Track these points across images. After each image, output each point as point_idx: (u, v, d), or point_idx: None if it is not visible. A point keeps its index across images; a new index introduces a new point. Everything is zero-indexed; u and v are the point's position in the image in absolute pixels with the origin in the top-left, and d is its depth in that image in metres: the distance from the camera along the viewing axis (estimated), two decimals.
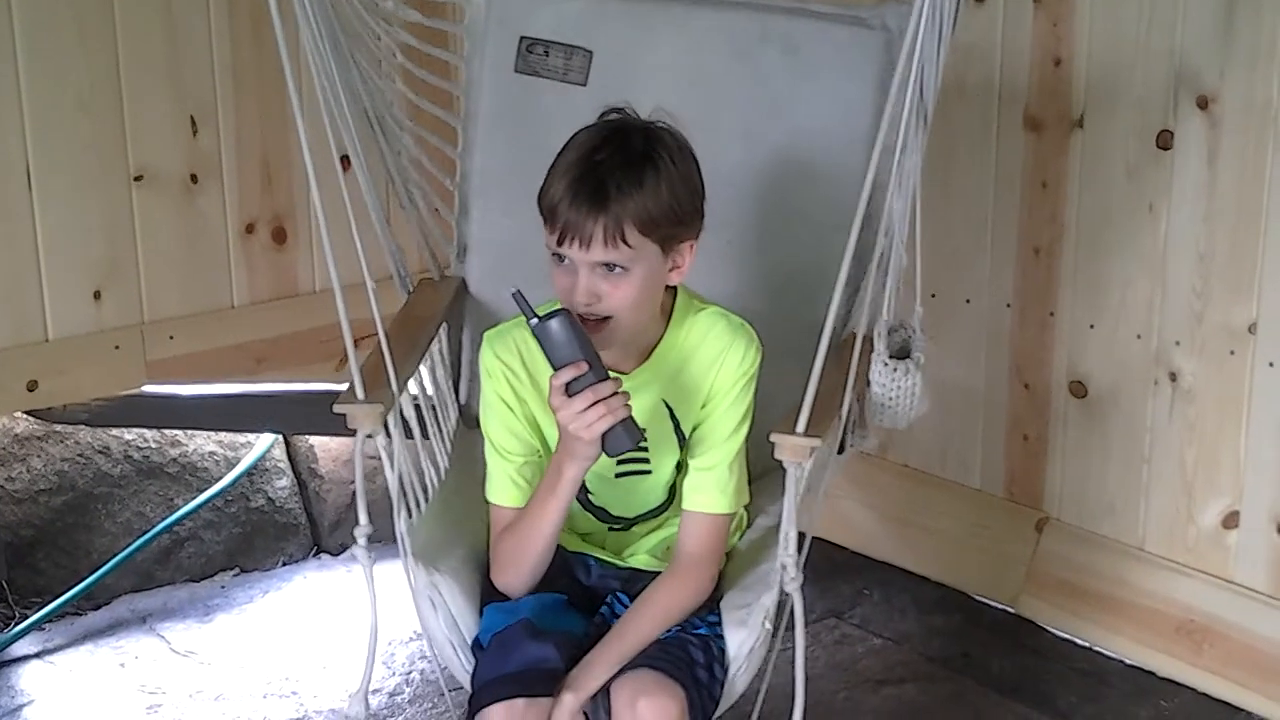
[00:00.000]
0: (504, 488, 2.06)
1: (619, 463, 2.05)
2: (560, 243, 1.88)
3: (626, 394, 1.89)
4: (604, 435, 1.88)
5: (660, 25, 2.50)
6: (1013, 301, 3.03)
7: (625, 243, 1.88)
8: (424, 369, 2.31)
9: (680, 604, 2.01)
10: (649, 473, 2.09)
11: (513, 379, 2.03)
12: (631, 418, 1.89)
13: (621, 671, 1.93)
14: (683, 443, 2.07)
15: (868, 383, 2.21)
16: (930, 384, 2.20)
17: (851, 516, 3.34)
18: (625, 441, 1.90)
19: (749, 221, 2.44)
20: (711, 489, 2.04)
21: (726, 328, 2.04)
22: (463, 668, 2.04)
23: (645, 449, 2.03)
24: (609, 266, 1.89)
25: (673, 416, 2.05)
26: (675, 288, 2.04)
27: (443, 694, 2.27)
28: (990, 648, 2.99)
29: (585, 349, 1.86)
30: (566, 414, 1.87)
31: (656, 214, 1.90)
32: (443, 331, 2.43)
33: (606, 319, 1.93)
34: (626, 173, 1.88)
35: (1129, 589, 2.91)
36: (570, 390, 1.86)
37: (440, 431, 2.34)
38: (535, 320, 1.87)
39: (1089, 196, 2.86)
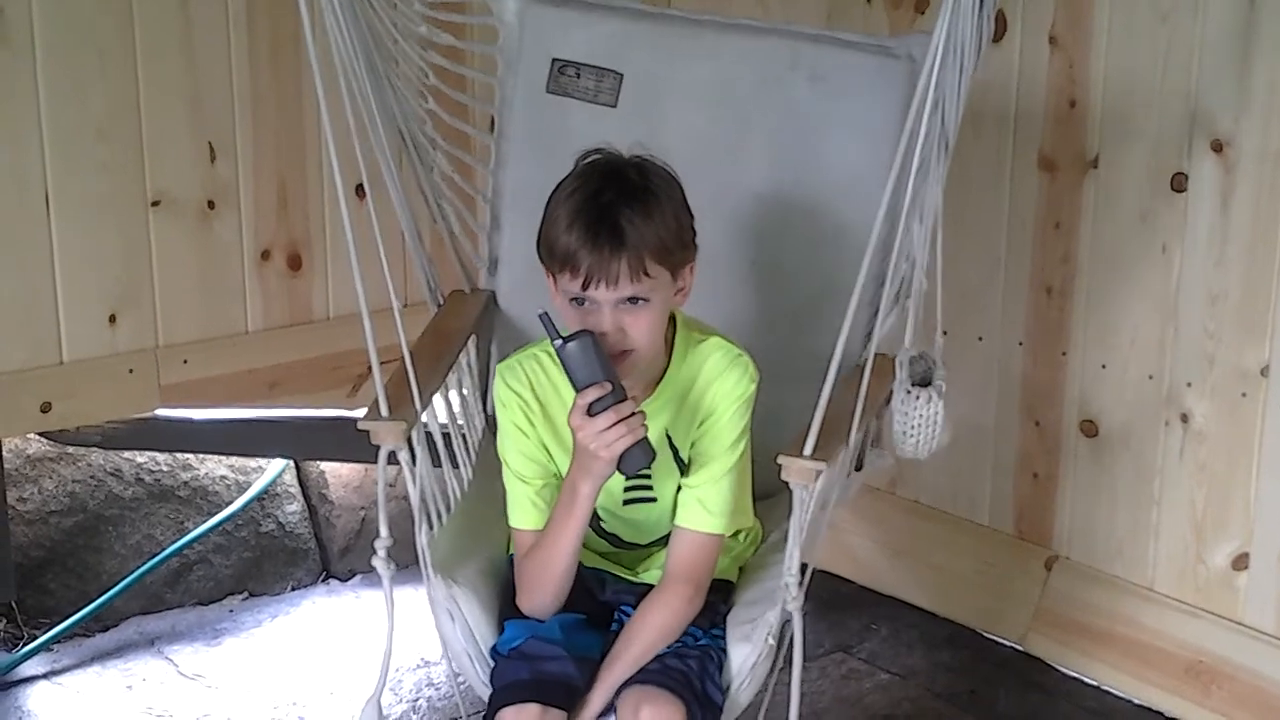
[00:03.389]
0: (525, 511, 2.09)
1: (625, 489, 2.10)
2: (585, 287, 1.92)
3: (643, 414, 1.94)
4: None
5: (690, 50, 2.52)
6: (1024, 340, 3.03)
7: (647, 274, 1.93)
8: (452, 379, 2.35)
9: (670, 624, 2.04)
10: (654, 500, 2.12)
11: (525, 408, 2.08)
12: (647, 438, 1.94)
13: (626, 686, 1.98)
14: (682, 469, 2.10)
15: (888, 401, 2.23)
16: (951, 418, 2.21)
17: (860, 551, 3.35)
18: (640, 460, 1.94)
19: (772, 243, 2.47)
20: (700, 509, 2.07)
21: (723, 356, 2.08)
22: (479, 678, 2.07)
23: (649, 476, 2.07)
24: (632, 300, 1.94)
25: (672, 445, 2.08)
26: (674, 319, 2.08)
27: (470, 715, 2.29)
28: (998, 685, 2.99)
29: (607, 370, 1.91)
30: (588, 432, 1.91)
31: (669, 241, 1.96)
32: (471, 342, 2.46)
33: (629, 351, 1.97)
34: (635, 207, 1.93)
35: (1138, 629, 2.91)
36: (592, 410, 1.90)
37: (465, 444, 2.38)
38: (559, 341, 1.92)
39: (1102, 237, 2.87)
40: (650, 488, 2.11)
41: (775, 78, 2.46)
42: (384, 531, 2.05)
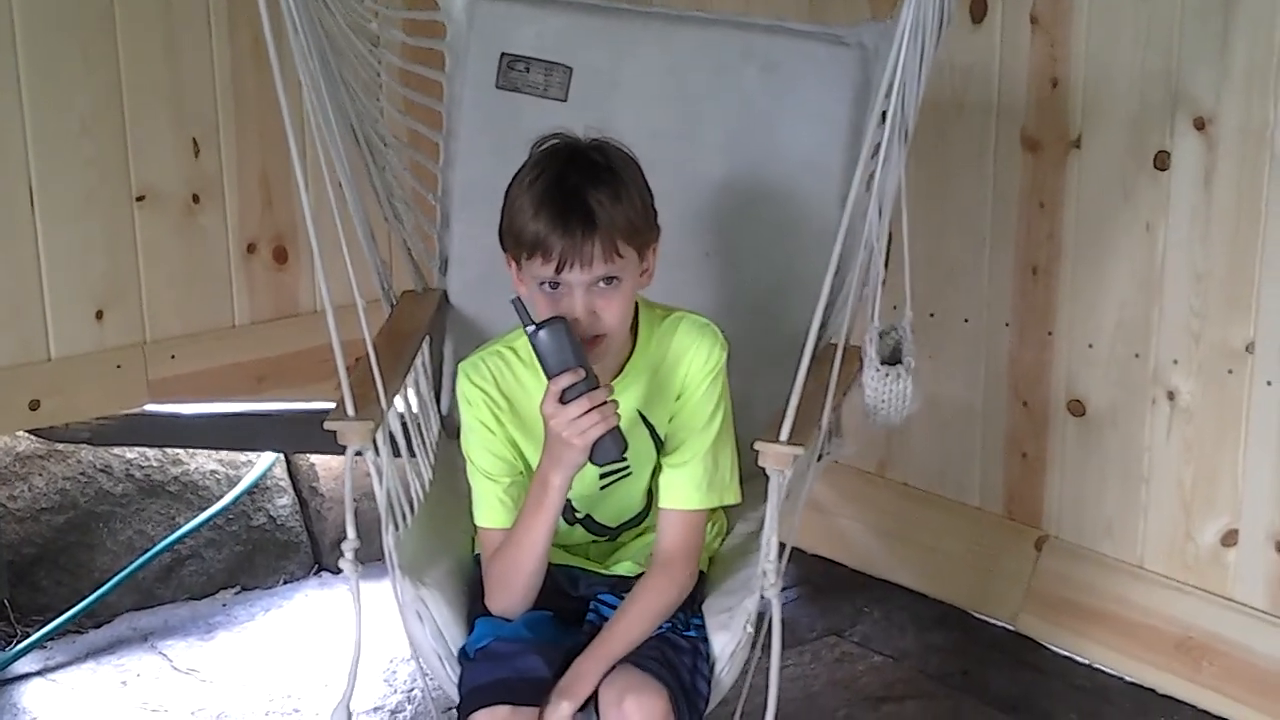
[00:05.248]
0: (492, 510, 2.08)
1: (602, 476, 2.09)
2: (559, 270, 1.91)
3: (616, 402, 1.93)
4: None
5: (640, 42, 2.52)
6: (1011, 320, 3.04)
7: (618, 254, 1.93)
8: (408, 382, 2.33)
9: (664, 603, 2.04)
10: (630, 474, 2.12)
11: (491, 405, 2.07)
12: (619, 427, 1.93)
13: (608, 671, 1.96)
14: (659, 447, 2.10)
15: (845, 392, 2.24)
16: (921, 387, 2.21)
17: (851, 534, 3.35)
18: (612, 450, 1.93)
19: (728, 234, 2.48)
20: (685, 485, 2.07)
21: (689, 328, 2.08)
22: (449, 679, 2.06)
23: (625, 459, 2.05)
24: (607, 281, 1.94)
25: (647, 423, 2.09)
26: (636, 302, 2.08)
27: (443, 712, 2.29)
28: (990, 665, 3.00)
29: (579, 357, 1.90)
30: (560, 420, 1.90)
31: (636, 221, 1.96)
32: (424, 344, 2.45)
33: (601, 336, 1.97)
34: (601, 188, 1.93)
35: (1128, 606, 2.92)
36: (565, 397, 1.89)
37: (424, 444, 2.36)
38: (532, 328, 1.91)
39: (1086, 216, 2.87)
40: (627, 467, 2.10)
41: (726, 68, 2.47)
42: (351, 533, 2.01)
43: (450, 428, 2.54)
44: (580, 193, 1.92)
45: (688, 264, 2.44)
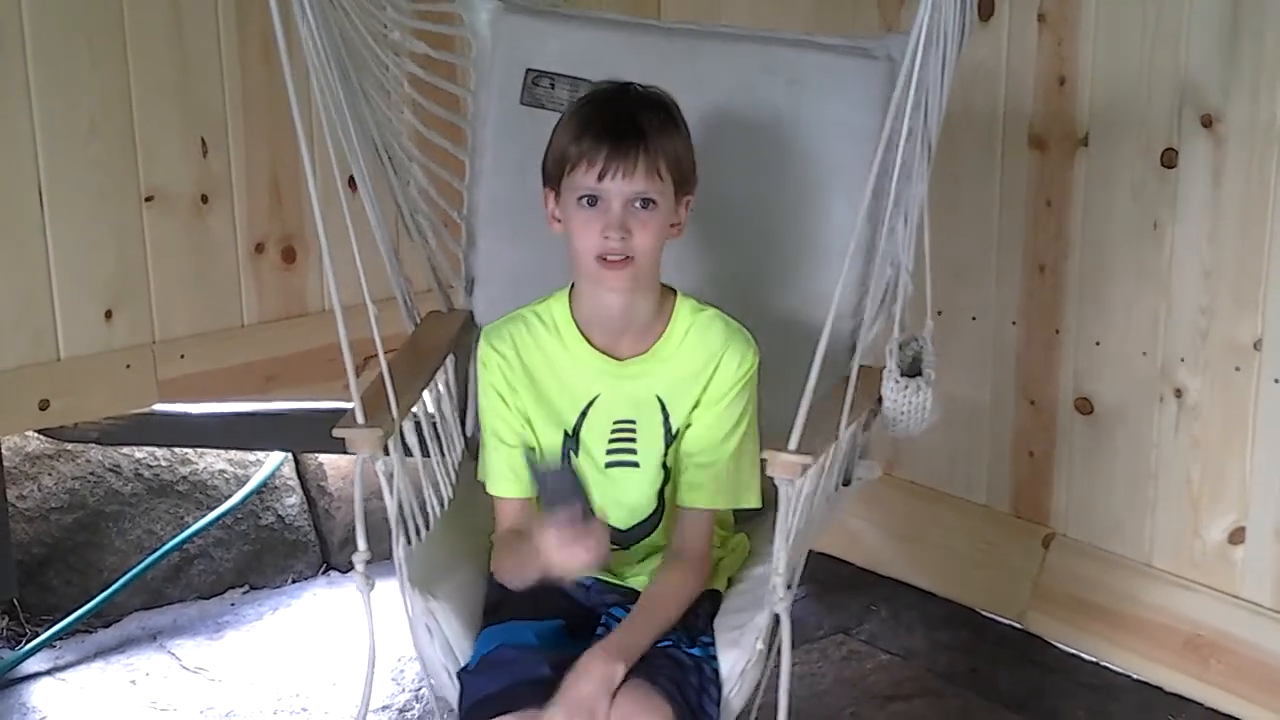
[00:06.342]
0: (503, 478, 2.11)
1: (608, 451, 2.10)
2: (601, 178, 1.96)
3: (609, 530, 1.92)
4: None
5: (665, 57, 2.50)
6: (1018, 319, 3.04)
7: (659, 176, 1.98)
8: (429, 399, 2.30)
9: (686, 590, 2.05)
10: (636, 465, 2.11)
11: (506, 368, 2.09)
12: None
13: (619, 688, 1.93)
14: (669, 438, 2.09)
15: (872, 416, 2.23)
16: (940, 399, 2.22)
17: (859, 533, 3.35)
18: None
19: (755, 252, 2.46)
20: (709, 486, 2.08)
21: (725, 329, 2.10)
22: (456, 693, 2.04)
23: (633, 437, 2.08)
24: (644, 203, 1.97)
25: (664, 409, 2.09)
26: (676, 292, 2.10)
27: (449, 712, 2.29)
28: (997, 663, 3.00)
29: (580, 495, 1.88)
30: (552, 552, 1.89)
31: (681, 154, 2.02)
32: (449, 364, 2.42)
33: (629, 259, 1.98)
34: (654, 114, 2.01)
35: (1136, 604, 2.92)
36: (559, 531, 1.88)
37: (445, 460, 2.34)
38: (543, 468, 1.91)
39: (1094, 215, 2.87)
40: (634, 450, 2.10)
41: (752, 83, 2.44)
42: (362, 545, 2.01)
43: (474, 449, 2.52)
44: (631, 109, 1.99)
45: (714, 283, 2.38)
